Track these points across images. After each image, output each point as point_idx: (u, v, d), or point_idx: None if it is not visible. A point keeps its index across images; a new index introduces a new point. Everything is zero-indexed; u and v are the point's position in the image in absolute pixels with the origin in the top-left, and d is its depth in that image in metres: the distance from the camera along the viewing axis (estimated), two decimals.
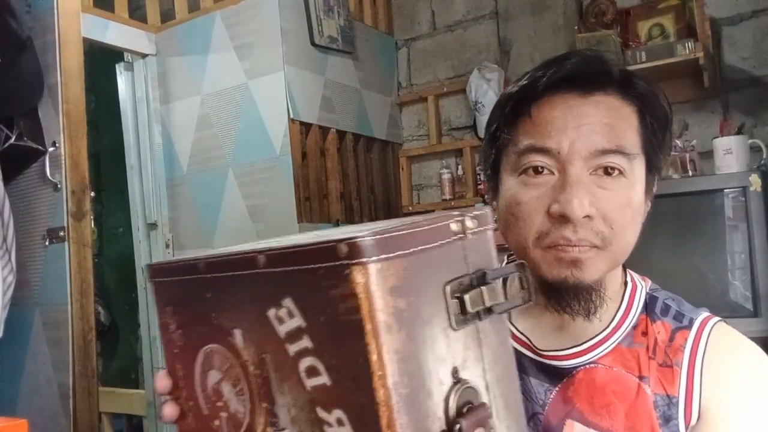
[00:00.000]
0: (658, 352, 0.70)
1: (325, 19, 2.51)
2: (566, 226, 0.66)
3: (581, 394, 0.70)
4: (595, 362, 0.71)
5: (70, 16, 1.70)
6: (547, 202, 0.67)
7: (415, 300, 0.38)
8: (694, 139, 2.14)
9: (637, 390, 0.68)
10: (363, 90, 2.75)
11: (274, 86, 2.32)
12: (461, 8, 2.85)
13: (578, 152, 0.66)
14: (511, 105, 0.73)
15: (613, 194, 0.67)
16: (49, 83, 1.69)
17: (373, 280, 0.36)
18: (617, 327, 0.72)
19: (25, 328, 1.74)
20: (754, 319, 1.75)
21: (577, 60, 0.71)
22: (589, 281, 0.67)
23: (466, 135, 2.84)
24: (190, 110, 2.55)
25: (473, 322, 0.41)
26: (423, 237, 0.39)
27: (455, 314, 0.40)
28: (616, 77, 0.70)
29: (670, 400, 0.67)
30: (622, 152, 0.67)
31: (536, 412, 0.72)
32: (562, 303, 0.70)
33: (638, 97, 0.70)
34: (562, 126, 0.67)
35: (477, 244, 0.43)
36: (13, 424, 0.87)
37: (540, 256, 0.68)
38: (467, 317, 0.40)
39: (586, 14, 2.41)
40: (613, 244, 0.67)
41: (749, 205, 1.80)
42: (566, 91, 0.69)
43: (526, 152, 0.69)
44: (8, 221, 1.66)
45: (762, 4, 2.20)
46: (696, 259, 1.89)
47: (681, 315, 0.72)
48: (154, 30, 2.63)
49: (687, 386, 0.67)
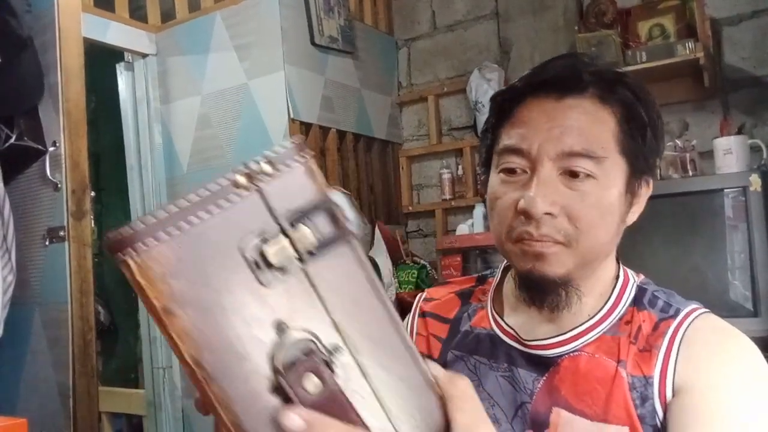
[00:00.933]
0: (639, 338, 0.71)
1: (325, 19, 2.51)
2: (529, 222, 0.70)
3: (566, 381, 0.72)
4: (579, 350, 0.73)
5: (70, 15, 1.70)
6: (517, 198, 0.71)
7: (196, 276, 0.37)
8: (694, 139, 2.14)
9: (614, 374, 0.69)
10: (363, 90, 2.75)
11: (274, 86, 2.32)
12: (461, 8, 2.85)
13: (547, 153, 0.70)
14: (494, 107, 0.78)
15: (580, 194, 0.70)
16: (49, 83, 1.69)
17: (138, 272, 0.37)
18: (604, 318, 0.74)
19: (25, 328, 1.74)
20: (754, 319, 1.75)
21: (555, 64, 0.76)
22: (553, 275, 0.71)
23: (466, 135, 2.84)
24: (190, 110, 2.55)
25: (290, 271, 0.39)
26: (197, 210, 0.38)
27: (260, 271, 0.39)
28: (588, 81, 0.72)
29: (646, 380, 0.68)
30: (589, 156, 0.70)
31: (524, 401, 0.74)
32: (531, 295, 0.75)
33: (618, 102, 0.72)
34: (534, 128, 0.71)
35: (282, 187, 0.40)
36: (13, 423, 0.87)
37: (510, 248, 0.73)
38: (278, 270, 0.39)
39: (586, 14, 2.41)
40: (579, 241, 0.70)
41: (749, 205, 1.80)
42: (544, 94, 0.73)
43: (504, 152, 0.74)
44: (8, 221, 1.66)
45: (762, 4, 2.20)
46: (696, 259, 1.89)
47: (668, 306, 0.73)
48: (154, 30, 2.63)
49: (663, 366, 0.68)
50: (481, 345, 0.80)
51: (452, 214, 2.86)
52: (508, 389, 0.76)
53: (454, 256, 2.54)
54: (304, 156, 0.41)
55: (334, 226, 0.41)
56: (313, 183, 0.41)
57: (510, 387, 0.76)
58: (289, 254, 0.39)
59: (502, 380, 0.76)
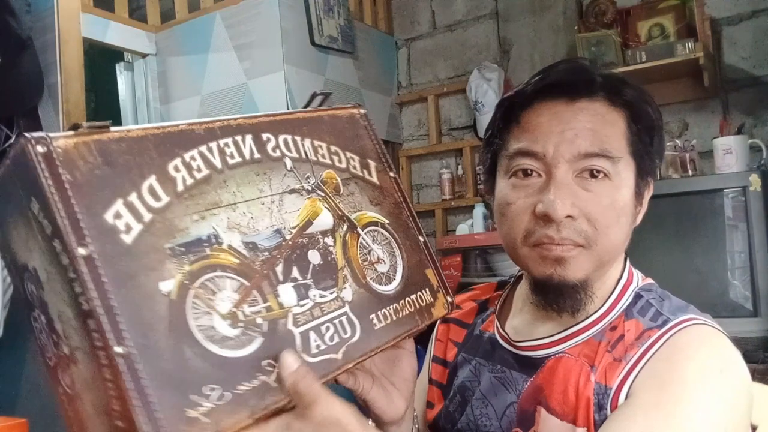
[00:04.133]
0: (618, 347, 0.71)
1: (325, 19, 2.51)
2: (549, 226, 0.70)
3: (548, 381, 0.73)
4: (564, 352, 0.74)
5: (70, 15, 1.70)
6: (533, 202, 0.71)
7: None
8: (694, 139, 2.14)
9: (586, 378, 0.70)
10: (363, 90, 2.75)
11: (274, 86, 2.32)
12: (461, 8, 2.85)
13: (562, 155, 0.70)
14: (501, 112, 0.78)
15: (597, 195, 0.70)
16: (49, 83, 1.69)
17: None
18: (596, 321, 0.74)
19: (25, 328, 1.74)
20: (754, 319, 1.75)
21: (562, 68, 0.76)
22: (574, 279, 0.71)
23: (466, 135, 2.84)
24: (190, 110, 2.55)
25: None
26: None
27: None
28: (599, 85, 0.73)
29: (605, 390, 0.68)
30: (606, 155, 0.70)
31: (512, 401, 0.75)
32: (549, 300, 0.74)
33: (625, 104, 0.73)
34: (547, 131, 0.71)
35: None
36: (13, 423, 0.87)
37: (527, 253, 0.73)
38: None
39: (586, 14, 2.41)
40: (597, 243, 0.70)
41: (749, 205, 1.80)
42: (552, 98, 0.73)
43: (516, 156, 0.73)
44: None
45: (762, 4, 2.20)
46: (696, 259, 1.89)
47: (658, 315, 0.72)
48: (154, 30, 2.63)
49: (623, 377, 0.68)
50: (484, 348, 0.83)
51: (452, 214, 2.86)
52: (500, 389, 0.77)
53: (453, 256, 2.54)
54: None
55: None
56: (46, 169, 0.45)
57: (502, 387, 0.77)
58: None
59: (495, 380, 0.78)
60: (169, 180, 0.47)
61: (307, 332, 0.50)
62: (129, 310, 0.41)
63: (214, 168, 0.50)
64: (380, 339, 0.55)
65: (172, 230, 0.45)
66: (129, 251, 0.43)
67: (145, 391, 0.39)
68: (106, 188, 0.44)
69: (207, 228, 0.47)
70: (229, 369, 0.44)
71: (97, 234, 0.42)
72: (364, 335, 0.54)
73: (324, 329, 0.51)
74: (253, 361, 0.45)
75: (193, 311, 0.44)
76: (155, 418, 0.39)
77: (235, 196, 0.50)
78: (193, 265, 0.45)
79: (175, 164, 0.48)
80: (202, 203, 0.48)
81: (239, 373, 0.44)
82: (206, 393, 0.42)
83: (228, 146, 0.52)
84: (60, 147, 0.43)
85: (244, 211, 0.50)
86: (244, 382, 0.44)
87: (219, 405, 0.42)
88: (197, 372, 0.42)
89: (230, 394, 0.43)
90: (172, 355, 0.42)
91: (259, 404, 0.45)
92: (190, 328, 0.43)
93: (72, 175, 0.42)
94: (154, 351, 0.41)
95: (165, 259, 0.44)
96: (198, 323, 0.44)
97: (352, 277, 0.56)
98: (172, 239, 0.45)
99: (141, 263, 0.43)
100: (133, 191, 0.45)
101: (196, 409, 0.41)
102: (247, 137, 0.53)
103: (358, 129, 0.66)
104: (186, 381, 0.41)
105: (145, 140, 0.47)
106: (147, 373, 0.40)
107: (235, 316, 0.46)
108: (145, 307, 0.42)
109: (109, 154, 0.45)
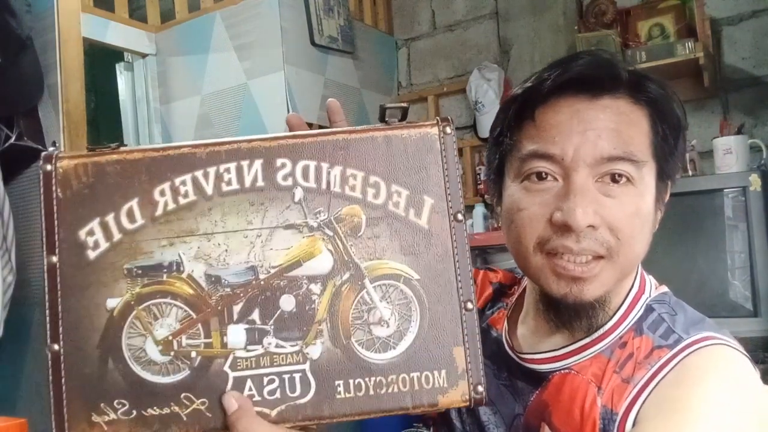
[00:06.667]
0: (626, 368, 0.65)
1: (325, 19, 2.51)
2: (569, 236, 0.63)
3: (554, 398, 0.69)
4: (569, 368, 0.69)
5: (70, 15, 1.70)
6: (550, 209, 0.65)
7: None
8: (694, 139, 2.14)
9: (592, 401, 0.65)
10: (363, 90, 2.75)
11: (274, 86, 2.32)
12: (461, 8, 2.85)
13: (583, 159, 0.64)
14: (514, 108, 0.70)
15: (620, 203, 0.64)
16: (49, 83, 1.69)
17: None
18: (604, 335, 0.69)
19: (26, 328, 1.73)
20: (754, 319, 1.75)
21: (584, 61, 0.68)
22: (592, 298, 0.65)
23: (466, 135, 2.84)
24: (190, 110, 2.55)
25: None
26: None
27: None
28: (625, 80, 0.66)
29: (612, 415, 0.63)
30: (630, 159, 0.64)
31: (519, 413, 0.72)
32: (563, 319, 0.68)
33: (650, 102, 0.67)
34: (567, 131, 0.64)
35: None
36: (13, 423, 0.87)
37: (540, 263, 0.66)
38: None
39: (586, 14, 2.41)
40: (620, 255, 0.64)
41: (749, 205, 1.80)
42: (572, 94, 0.66)
43: (530, 158, 0.66)
44: (8, 221, 1.65)
45: (762, 4, 2.20)
46: (696, 258, 1.89)
47: (670, 332, 0.66)
48: (154, 30, 2.63)
49: (631, 402, 0.63)
50: (490, 347, 0.78)
51: None
52: (509, 398, 0.74)
53: None
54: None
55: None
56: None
57: (510, 396, 0.74)
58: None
59: (503, 389, 0.75)
60: (151, 204, 0.49)
61: (243, 378, 0.49)
62: (72, 316, 0.47)
63: (203, 194, 0.50)
64: (338, 410, 0.49)
65: (135, 252, 0.49)
66: (89, 265, 0.48)
67: (62, 388, 0.46)
68: (87, 207, 0.48)
69: (172, 255, 0.49)
70: (144, 391, 0.48)
71: (67, 247, 0.48)
72: (316, 400, 0.49)
73: (266, 381, 0.49)
74: (171, 391, 0.48)
75: (129, 330, 0.48)
76: (62, 412, 0.46)
77: (215, 226, 0.50)
78: (144, 288, 0.49)
79: (162, 188, 0.50)
80: (176, 229, 0.49)
81: (153, 397, 0.47)
82: (115, 406, 0.47)
83: (228, 172, 0.51)
84: (62, 167, 0.49)
85: (220, 242, 0.50)
86: (155, 406, 0.47)
87: (122, 419, 0.47)
88: (113, 385, 0.47)
89: (136, 413, 0.47)
90: (97, 364, 0.47)
91: (162, 430, 0.48)
92: (121, 345, 0.48)
93: (63, 192, 0.48)
94: (82, 356, 0.47)
95: (120, 278, 0.48)
96: (129, 342, 0.48)
97: (329, 333, 0.50)
98: (133, 260, 0.49)
99: (96, 278, 0.48)
100: (111, 212, 0.49)
101: (102, 417, 0.47)
102: (256, 162, 0.51)
103: (427, 155, 0.54)
104: (100, 390, 0.47)
105: (139, 163, 0.50)
106: (69, 372, 0.47)
107: (169, 344, 0.48)
108: (86, 317, 0.47)
109: (102, 175, 0.49)
